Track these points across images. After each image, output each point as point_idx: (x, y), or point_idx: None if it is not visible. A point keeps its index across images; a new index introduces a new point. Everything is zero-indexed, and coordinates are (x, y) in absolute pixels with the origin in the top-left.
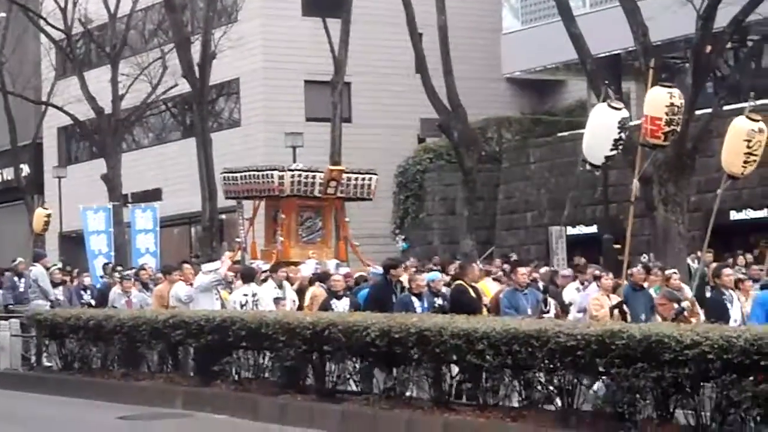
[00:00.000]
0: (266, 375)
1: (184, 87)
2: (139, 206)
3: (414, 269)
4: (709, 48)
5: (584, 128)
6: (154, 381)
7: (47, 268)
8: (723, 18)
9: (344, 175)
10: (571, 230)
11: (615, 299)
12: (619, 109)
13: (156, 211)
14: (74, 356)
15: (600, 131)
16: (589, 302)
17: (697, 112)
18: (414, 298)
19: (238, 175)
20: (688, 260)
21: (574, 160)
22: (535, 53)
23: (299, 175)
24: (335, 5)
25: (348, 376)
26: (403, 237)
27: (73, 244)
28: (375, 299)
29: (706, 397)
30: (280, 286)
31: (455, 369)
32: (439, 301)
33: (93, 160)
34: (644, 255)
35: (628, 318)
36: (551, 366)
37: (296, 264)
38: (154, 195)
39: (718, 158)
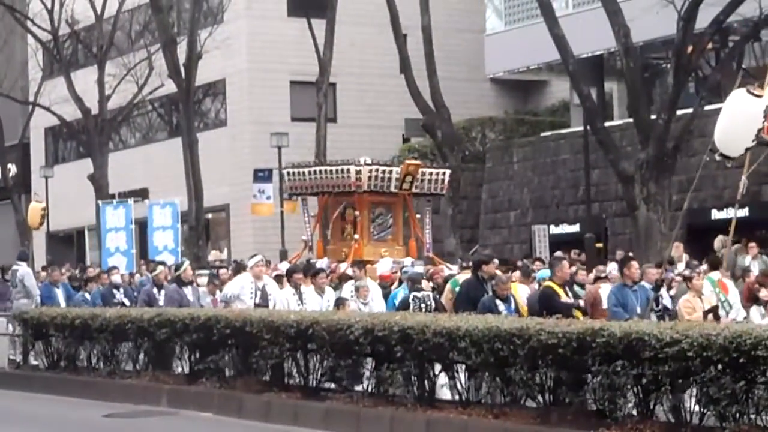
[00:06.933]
0: (251, 373)
1: (171, 87)
2: (157, 202)
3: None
4: (690, 48)
5: (567, 128)
6: (139, 379)
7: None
8: (704, 19)
9: (419, 170)
10: (554, 229)
11: (707, 302)
12: (760, 96)
13: (176, 207)
14: (60, 355)
15: (740, 120)
16: (681, 304)
17: (678, 112)
18: (498, 302)
19: (306, 170)
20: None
21: (557, 160)
22: (519, 54)
23: (376, 170)
24: (320, 6)
25: (332, 374)
26: None
27: (61, 243)
28: (467, 298)
29: (686, 395)
30: (323, 291)
31: (438, 367)
32: None
33: (80, 160)
34: (618, 252)
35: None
36: (533, 364)
37: (370, 263)
38: (141, 194)
39: (699, 158)
